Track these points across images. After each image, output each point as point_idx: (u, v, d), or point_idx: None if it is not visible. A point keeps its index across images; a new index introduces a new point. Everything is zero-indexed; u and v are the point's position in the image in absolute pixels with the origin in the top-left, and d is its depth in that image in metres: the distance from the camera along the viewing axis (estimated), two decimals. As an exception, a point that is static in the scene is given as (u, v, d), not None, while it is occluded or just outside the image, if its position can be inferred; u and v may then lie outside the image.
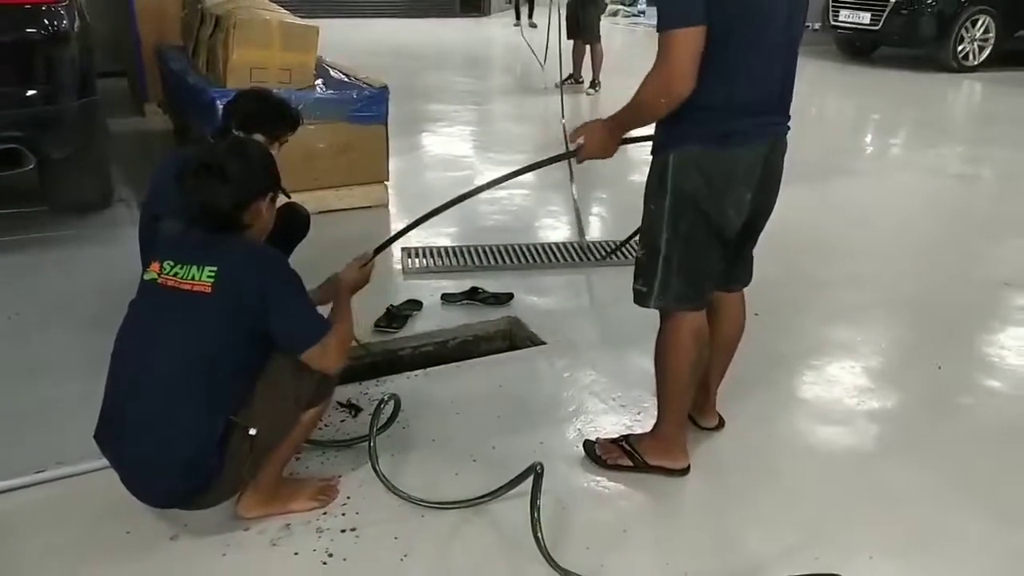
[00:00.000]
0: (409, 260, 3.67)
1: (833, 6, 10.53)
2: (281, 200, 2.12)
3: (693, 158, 1.95)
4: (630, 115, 2.01)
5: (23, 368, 2.73)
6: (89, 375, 2.51)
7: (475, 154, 5.98)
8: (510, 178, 2.34)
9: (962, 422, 2.63)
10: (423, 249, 3.79)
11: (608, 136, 2.09)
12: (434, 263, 3.68)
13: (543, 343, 3.02)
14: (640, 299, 2.13)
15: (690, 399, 2.25)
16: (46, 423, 2.42)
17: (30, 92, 3.22)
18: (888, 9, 9.83)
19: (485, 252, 3.81)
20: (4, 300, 3.18)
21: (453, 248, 3.84)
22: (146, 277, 1.90)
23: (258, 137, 2.49)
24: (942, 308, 3.46)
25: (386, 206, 4.47)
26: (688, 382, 2.18)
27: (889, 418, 2.63)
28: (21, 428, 2.40)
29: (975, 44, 9.82)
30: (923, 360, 3.00)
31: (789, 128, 2.08)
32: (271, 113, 2.59)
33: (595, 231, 4.27)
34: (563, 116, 5.81)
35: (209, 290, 1.80)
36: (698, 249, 2.03)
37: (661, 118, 1.96)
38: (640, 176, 4.59)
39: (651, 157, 2.05)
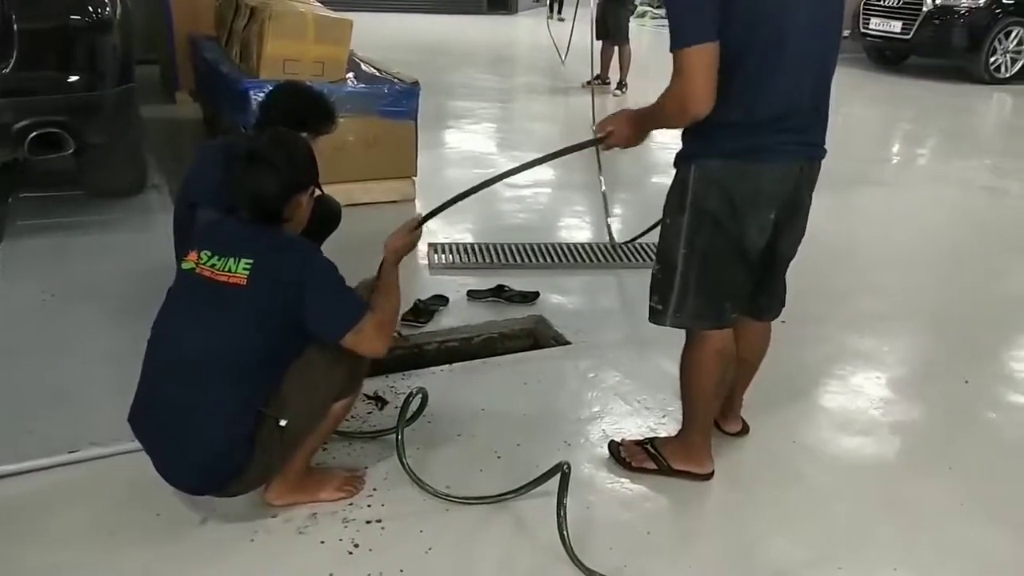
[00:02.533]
0: (435, 255, 3.70)
1: (864, 14, 10.45)
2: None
3: (715, 172, 1.91)
4: (653, 118, 2.00)
5: (56, 349, 2.77)
6: (120, 358, 2.57)
7: (500, 152, 6.00)
8: (541, 163, 2.32)
9: (987, 437, 2.62)
10: (449, 245, 3.81)
11: (636, 128, 2.07)
12: (460, 259, 3.70)
13: (568, 343, 3.03)
14: (655, 317, 2.09)
15: (716, 411, 2.25)
16: (78, 404, 2.46)
17: (73, 78, 3.27)
18: (920, 19, 9.75)
19: (511, 250, 3.82)
20: (39, 282, 3.23)
21: (479, 245, 3.86)
22: (184, 266, 1.93)
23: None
24: (966, 321, 3.45)
25: (413, 201, 4.50)
26: (713, 398, 2.17)
27: (913, 430, 2.62)
28: (54, 408, 2.44)
29: (1008, 56, 9.72)
30: (947, 372, 2.99)
31: (825, 152, 2.01)
32: (312, 109, 2.61)
33: (620, 233, 4.27)
34: (593, 119, 5.81)
35: (244, 283, 1.83)
36: (717, 266, 1.98)
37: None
38: (665, 178, 4.60)
39: (673, 168, 2.03)
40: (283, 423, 1.87)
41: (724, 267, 1.98)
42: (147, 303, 2.07)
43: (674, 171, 2.03)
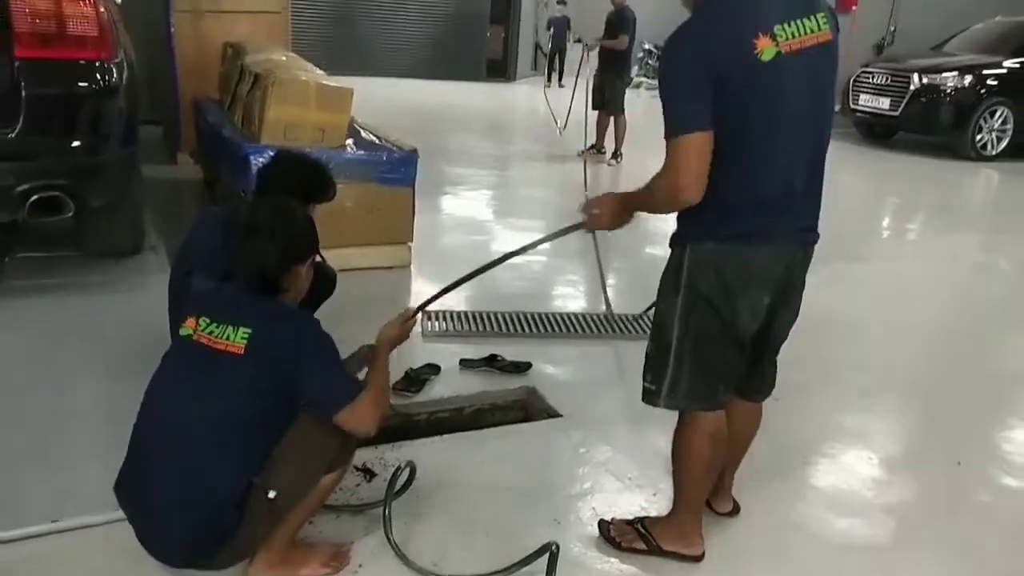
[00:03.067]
0: (429, 323, 3.71)
1: (853, 90, 10.73)
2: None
3: (709, 255, 1.92)
4: (642, 202, 2.02)
5: (45, 412, 2.75)
6: (111, 422, 2.54)
7: (496, 219, 6.08)
8: (525, 251, 2.38)
9: (980, 520, 2.60)
10: (443, 313, 3.82)
11: (620, 211, 2.10)
12: (454, 327, 3.71)
13: (559, 415, 3.02)
14: (648, 397, 2.09)
15: (707, 491, 2.24)
16: (66, 469, 2.43)
17: (76, 143, 3.31)
18: (907, 96, 10.01)
19: (505, 319, 3.84)
20: (32, 343, 3.22)
21: (473, 313, 3.87)
22: (182, 332, 1.93)
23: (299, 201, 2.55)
24: (958, 399, 3.45)
25: (408, 267, 4.53)
26: (704, 479, 2.17)
27: (906, 512, 2.60)
28: (41, 473, 2.40)
29: (993, 134, 9.95)
30: (939, 452, 2.98)
31: (818, 236, 2.03)
32: (311, 179, 2.65)
33: (615, 303, 4.29)
34: (586, 187, 5.91)
35: (241, 352, 1.83)
36: (711, 348, 1.98)
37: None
38: (659, 249, 4.63)
39: (669, 248, 2.05)
40: (272, 494, 1.85)
41: (717, 349, 1.99)
42: (140, 366, 2.07)
43: (669, 249, 2.05)
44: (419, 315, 2.30)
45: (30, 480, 2.37)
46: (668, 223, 2.06)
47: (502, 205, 6.53)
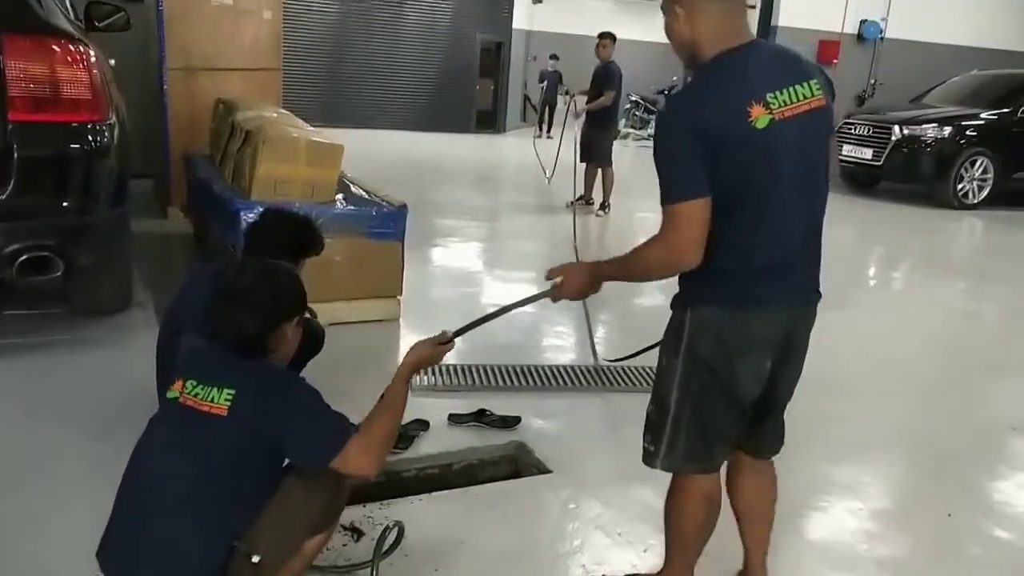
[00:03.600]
0: (417, 377, 3.69)
1: (837, 141, 10.92)
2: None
3: (709, 319, 1.92)
4: (623, 270, 2.03)
5: (28, 472, 2.72)
6: (95, 483, 2.51)
7: (486, 270, 6.11)
8: (495, 316, 2.34)
9: (971, 572, 2.59)
10: (432, 366, 3.81)
11: (589, 282, 2.11)
12: (442, 381, 3.70)
13: (549, 471, 3.00)
14: (647, 458, 2.08)
15: (699, 552, 2.21)
16: (47, 532, 2.40)
17: (66, 204, 3.33)
18: (889, 147, 10.21)
19: (493, 372, 3.83)
20: (17, 401, 3.20)
21: (461, 367, 3.87)
22: (169, 395, 1.93)
23: (288, 258, 2.57)
24: (948, 450, 3.45)
25: (398, 320, 4.54)
26: (696, 540, 2.15)
27: (898, 566, 2.59)
28: (21, 536, 2.37)
29: (975, 183, 10.13)
30: (930, 505, 2.97)
31: (820, 296, 2.03)
32: (299, 235, 2.68)
33: (604, 353, 4.30)
34: (575, 239, 5.96)
35: (224, 413, 1.83)
36: (709, 411, 1.97)
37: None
38: (647, 299, 4.67)
39: (670, 310, 2.03)
40: (256, 559, 1.82)
41: (716, 412, 1.98)
42: (126, 425, 2.06)
43: (670, 309, 2.03)
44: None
45: (9, 544, 2.34)
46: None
47: (491, 257, 6.57)
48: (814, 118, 1.87)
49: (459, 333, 2.25)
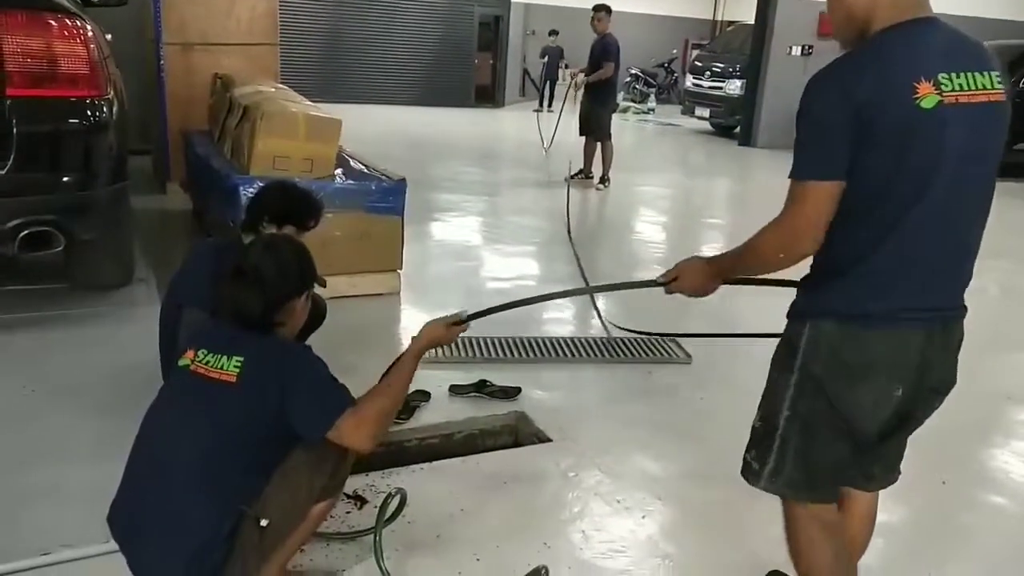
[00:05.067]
0: (419, 350, 3.72)
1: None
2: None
3: (828, 336, 1.69)
4: (740, 262, 1.85)
5: (33, 447, 2.75)
6: (96, 457, 2.57)
7: (485, 244, 6.12)
8: (581, 293, 2.27)
9: (965, 540, 2.63)
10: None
11: (707, 278, 1.94)
12: (443, 353, 3.72)
13: (549, 440, 3.04)
14: (748, 474, 1.88)
15: None
16: (52, 504, 2.43)
17: (66, 178, 3.34)
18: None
19: (494, 344, 3.86)
20: (20, 376, 3.23)
21: (462, 339, 3.89)
22: (180, 363, 1.96)
23: (288, 229, 2.60)
24: (943, 420, 3.43)
25: (398, 294, 4.56)
26: (835, 571, 1.86)
27: (892, 534, 2.62)
28: (30, 508, 2.41)
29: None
30: (925, 473, 3.00)
31: (964, 311, 1.76)
32: (298, 207, 2.70)
33: (599, 326, 4.33)
34: (567, 213, 5.97)
35: (234, 380, 1.85)
36: (819, 438, 1.75)
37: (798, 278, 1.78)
38: (644, 273, 4.66)
39: (786, 319, 1.82)
40: (264, 523, 1.86)
41: (828, 440, 1.75)
42: (129, 399, 2.08)
43: (786, 319, 1.83)
44: (410, 340, 2.25)
45: (19, 515, 2.37)
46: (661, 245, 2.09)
47: (491, 232, 6.58)
48: (990, 113, 1.62)
49: (477, 316, 2.23)
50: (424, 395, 3.25)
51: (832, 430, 1.74)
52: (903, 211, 1.60)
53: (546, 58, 17.32)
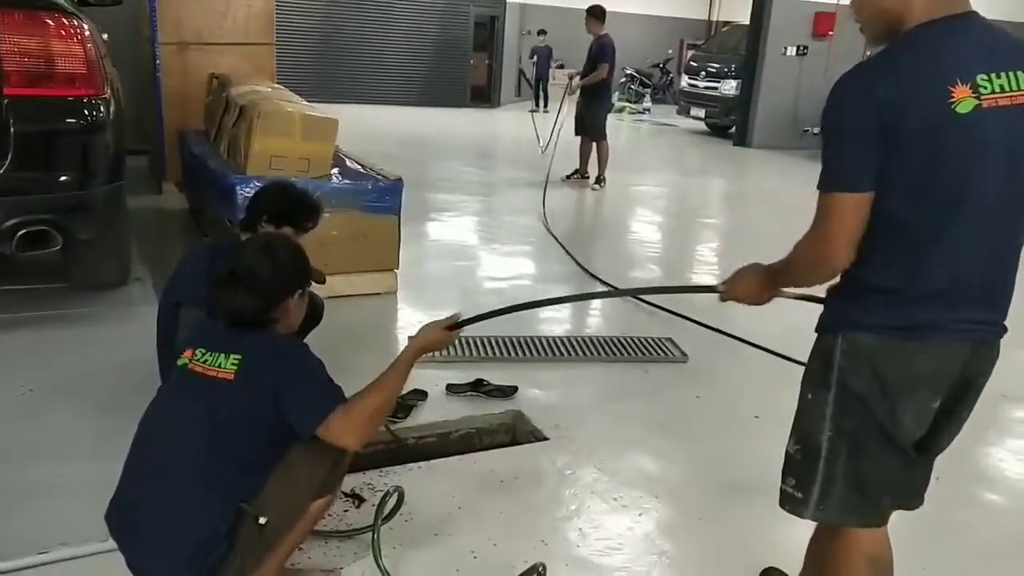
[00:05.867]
0: (415, 349, 3.73)
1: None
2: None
3: (866, 349, 1.62)
4: (785, 274, 1.79)
5: (31, 446, 2.75)
6: (95, 456, 2.57)
7: (481, 244, 6.13)
8: (628, 295, 2.22)
9: (960, 537, 2.64)
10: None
11: (760, 286, 1.88)
12: (440, 352, 3.69)
13: (545, 438, 3.05)
14: (790, 504, 1.77)
15: None
16: (51, 503, 2.43)
17: (63, 177, 3.34)
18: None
19: (490, 343, 3.87)
20: (18, 376, 3.23)
21: (459, 338, 3.90)
22: (179, 363, 1.96)
23: (286, 229, 2.60)
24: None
25: (395, 293, 4.56)
26: None
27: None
28: (28, 507, 2.41)
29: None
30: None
31: (1005, 330, 1.67)
32: (296, 207, 2.71)
33: (599, 328, 4.35)
34: (544, 211, 5.96)
35: (232, 378, 1.86)
36: (869, 454, 1.67)
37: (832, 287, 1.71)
38: (641, 273, 4.66)
39: (815, 333, 1.76)
40: (263, 520, 1.87)
41: (878, 456, 1.68)
42: (127, 398, 2.09)
43: (815, 334, 1.76)
44: (407, 340, 2.27)
45: (17, 513, 2.38)
46: (655, 244, 2.10)
47: (487, 231, 6.58)
48: None
49: (473, 320, 2.24)
50: (421, 394, 3.26)
51: (882, 444, 1.66)
52: (943, 221, 1.53)
53: (535, 58, 17.30)
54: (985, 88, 1.48)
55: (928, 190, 1.51)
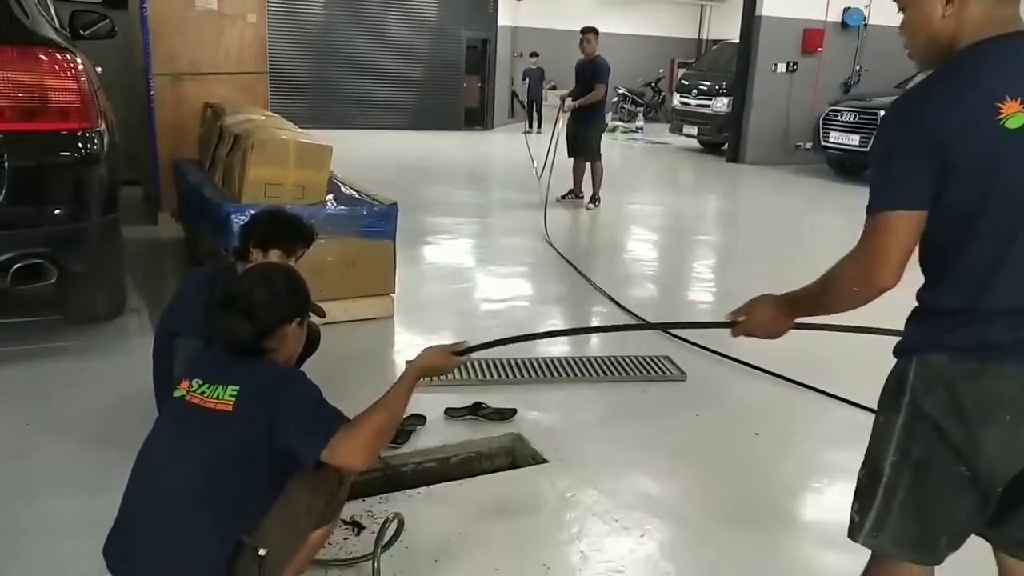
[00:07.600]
0: (413, 373, 3.72)
1: (824, 128, 11.04)
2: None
3: (940, 370, 1.55)
4: (814, 300, 1.75)
5: (28, 480, 2.74)
6: (92, 490, 2.55)
7: (477, 266, 6.13)
8: (642, 328, 2.21)
9: (969, 550, 2.62)
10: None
11: (777, 317, 1.85)
12: (438, 376, 3.71)
13: (545, 461, 3.04)
14: (852, 530, 1.71)
15: None
16: (47, 537, 2.41)
17: (58, 211, 3.35)
18: (876, 132, 10.25)
19: (488, 366, 3.86)
20: (14, 410, 3.21)
21: (457, 362, 3.89)
22: (175, 394, 1.96)
23: (274, 253, 2.61)
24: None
25: (391, 318, 4.56)
26: None
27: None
28: (22, 542, 2.39)
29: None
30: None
31: None
32: (287, 231, 2.72)
33: (599, 348, 4.34)
34: (546, 229, 5.98)
35: (230, 409, 1.86)
36: (933, 486, 1.58)
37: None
38: (638, 291, 4.66)
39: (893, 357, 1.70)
40: (262, 552, 1.85)
41: (945, 489, 1.58)
42: (123, 431, 2.07)
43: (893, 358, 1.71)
44: (405, 364, 2.27)
45: (14, 548, 2.36)
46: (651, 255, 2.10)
47: (482, 254, 6.59)
48: None
49: (483, 347, 2.26)
50: (419, 419, 3.24)
51: (952, 477, 1.56)
52: (1005, 237, 1.50)
53: (527, 80, 17.44)
54: None
55: (988, 207, 1.49)
